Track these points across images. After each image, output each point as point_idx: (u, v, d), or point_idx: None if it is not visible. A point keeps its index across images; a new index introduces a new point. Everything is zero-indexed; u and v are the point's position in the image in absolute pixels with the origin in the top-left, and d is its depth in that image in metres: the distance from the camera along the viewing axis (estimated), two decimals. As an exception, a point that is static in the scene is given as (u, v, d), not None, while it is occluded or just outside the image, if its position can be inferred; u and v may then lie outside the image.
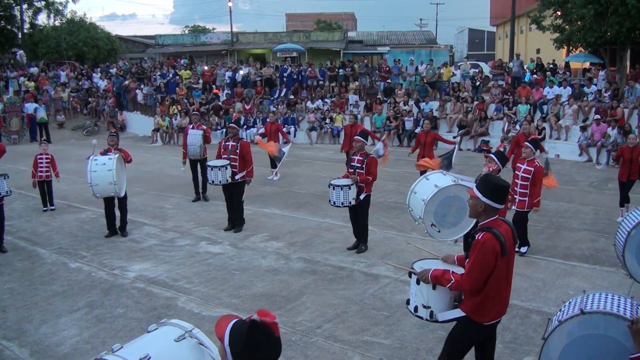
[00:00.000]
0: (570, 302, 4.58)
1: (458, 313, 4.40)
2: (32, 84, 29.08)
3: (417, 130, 13.99)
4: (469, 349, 4.57)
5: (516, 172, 9.08)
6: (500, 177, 4.54)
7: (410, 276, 4.62)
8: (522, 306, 7.07)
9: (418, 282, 4.49)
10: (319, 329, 6.48)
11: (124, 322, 6.70)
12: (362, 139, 9.08)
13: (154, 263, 8.85)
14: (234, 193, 10.51)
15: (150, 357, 3.07)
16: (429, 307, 4.46)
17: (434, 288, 4.41)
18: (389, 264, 7.96)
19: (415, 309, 4.56)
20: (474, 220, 6.82)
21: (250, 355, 2.52)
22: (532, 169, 8.75)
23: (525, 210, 8.88)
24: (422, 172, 11.31)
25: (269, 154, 14.86)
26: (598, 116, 18.39)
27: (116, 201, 10.21)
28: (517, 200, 8.89)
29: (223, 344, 2.59)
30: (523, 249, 9.05)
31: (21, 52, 37.61)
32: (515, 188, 8.91)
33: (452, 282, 4.25)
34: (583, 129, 18.73)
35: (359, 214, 9.21)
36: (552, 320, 4.52)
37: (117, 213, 10.37)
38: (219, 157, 10.63)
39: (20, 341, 6.29)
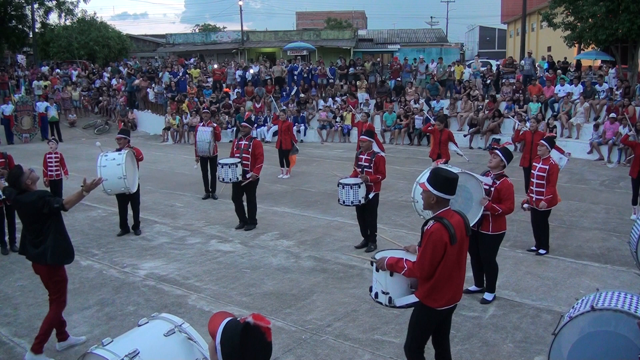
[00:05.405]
0: (582, 300, 4.59)
1: (413, 299, 4.66)
2: (47, 82, 29.24)
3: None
4: (429, 334, 4.81)
5: (532, 171, 9.02)
6: (449, 170, 4.66)
7: (372, 265, 4.87)
8: (533, 305, 7.05)
9: (377, 270, 4.77)
10: (329, 328, 6.48)
11: (134, 320, 6.71)
12: (368, 138, 9.03)
13: (164, 261, 8.89)
14: (246, 192, 10.52)
15: (139, 352, 3.10)
16: (387, 293, 4.76)
17: (391, 275, 4.67)
18: (351, 255, 8.15)
19: (376, 295, 4.84)
20: (481, 211, 6.87)
21: (240, 356, 2.51)
22: (547, 167, 8.68)
23: (542, 209, 8.81)
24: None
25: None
26: (613, 114, 18.22)
27: (129, 199, 10.25)
28: (533, 199, 8.83)
29: (214, 341, 2.58)
30: (542, 251, 9.00)
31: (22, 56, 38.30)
32: (532, 187, 8.86)
33: (405, 269, 4.54)
34: (596, 127, 18.62)
35: (367, 213, 9.18)
36: (564, 316, 4.51)
37: (130, 212, 10.42)
38: (232, 155, 10.63)
39: (32, 338, 6.30)
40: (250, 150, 10.36)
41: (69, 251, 6.03)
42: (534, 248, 9.09)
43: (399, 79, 26.38)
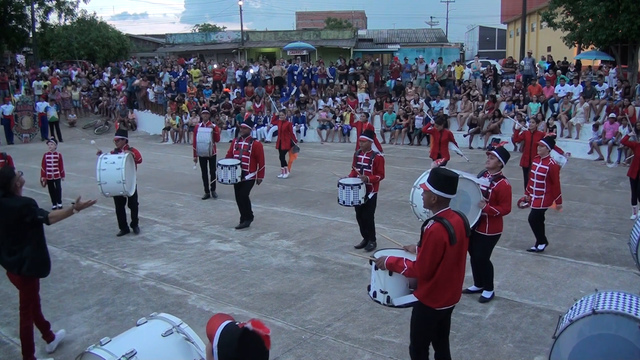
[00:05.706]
0: (582, 301, 4.57)
1: (412, 298, 4.67)
2: (47, 82, 29.21)
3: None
4: (431, 333, 4.82)
5: (531, 170, 9.05)
6: (448, 169, 4.67)
7: (371, 264, 4.88)
8: (533, 305, 7.05)
9: (377, 269, 4.78)
10: (329, 328, 6.48)
11: (134, 320, 6.67)
12: (367, 138, 9.03)
13: (164, 261, 8.89)
14: (240, 189, 10.53)
15: (136, 353, 3.11)
16: (386, 292, 4.76)
17: (390, 274, 4.68)
18: (352, 253, 8.26)
19: (374, 294, 4.85)
20: (478, 214, 6.87)
21: None
22: (547, 168, 8.71)
23: (541, 208, 8.84)
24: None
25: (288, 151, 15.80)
26: (613, 115, 18.21)
27: (126, 199, 10.24)
28: (532, 198, 8.85)
29: (212, 343, 2.58)
30: (540, 247, 9.04)
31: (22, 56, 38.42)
32: (531, 187, 8.88)
33: (405, 269, 4.55)
34: (596, 127, 18.62)
35: (365, 213, 9.18)
36: (563, 318, 4.50)
37: (128, 211, 10.41)
38: (230, 156, 10.63)
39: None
40: (250, 151, 10.37)
41: (46, 264, 5.84)
42: (533, 248, 9.09)
43: (399, 79, 26.38)
